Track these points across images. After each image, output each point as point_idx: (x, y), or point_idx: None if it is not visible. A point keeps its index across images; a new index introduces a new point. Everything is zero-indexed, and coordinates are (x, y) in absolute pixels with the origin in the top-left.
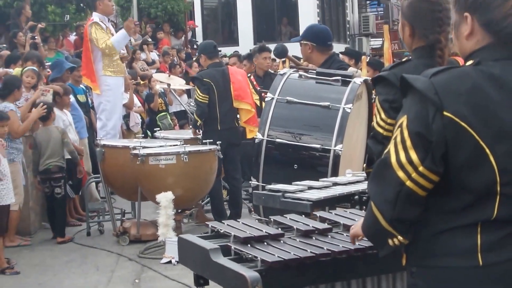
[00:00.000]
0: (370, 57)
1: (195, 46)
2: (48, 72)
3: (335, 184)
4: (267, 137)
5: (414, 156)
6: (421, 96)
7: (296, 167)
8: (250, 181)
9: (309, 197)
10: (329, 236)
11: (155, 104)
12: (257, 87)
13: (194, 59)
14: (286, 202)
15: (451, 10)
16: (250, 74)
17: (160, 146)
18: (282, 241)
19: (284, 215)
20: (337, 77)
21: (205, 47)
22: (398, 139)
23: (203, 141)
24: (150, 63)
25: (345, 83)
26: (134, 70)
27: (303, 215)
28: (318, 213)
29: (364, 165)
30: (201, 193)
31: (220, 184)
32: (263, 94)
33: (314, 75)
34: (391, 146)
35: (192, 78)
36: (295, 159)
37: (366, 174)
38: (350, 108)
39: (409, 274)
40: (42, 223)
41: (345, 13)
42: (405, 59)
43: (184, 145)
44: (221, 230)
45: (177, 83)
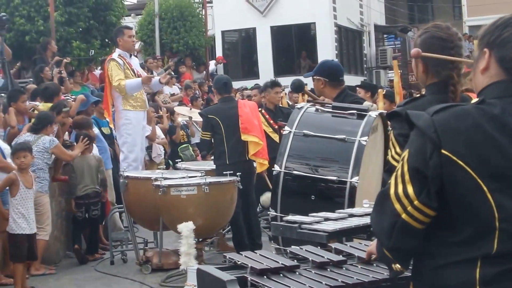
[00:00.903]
0: (387, 90)
1: None
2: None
3: (351, 216)
4: (285, 169)
5: (411, 190)
6: (421, 133)
7: (313, 198)
8: (269, 212)
9: (325, 228)
10: (344, 268)
11: (177, 136)
12: (270, 120)
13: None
14: (303, 233)
15: (477, 47)
16: (261, 108)
17: (182, 177)
18: (298, 273)
19: (301, 246)
20: (353, 111)
21: (216, 82)
22: (399, 172)
23: (224, 172)
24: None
25: (361, 117)
26: (157, 103)
27: (319, 246)
28: (334, 245)
29: None
30: (222, 223)
31: (240, 215)
32: (281, 130)
33: (330, 109)
34: (392, 179)
35: (199, 114)
36: (313, 191)
37: None
38: (366, 141)
39: None
40: (67, 252)
41: (363, 47)
42: (419, 95)
43: (205, 176)
44: (239, 262)
45: (199, 116)
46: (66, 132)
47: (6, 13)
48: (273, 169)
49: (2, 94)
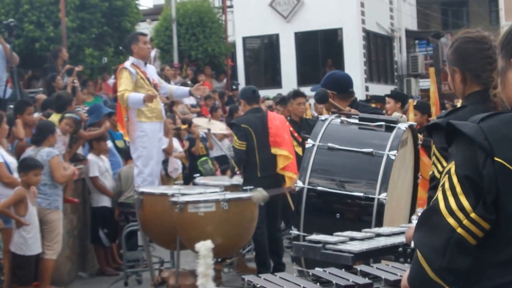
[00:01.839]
0: (418, 100)
1: (234, 87)
2: (86, 117)
3: (378, 235)
4: (308, 185)
5: (465, 202)
6: (470, 142)
7: (339, 216)
8: (291, 231)
9: (351, 249)
10: None
11: (196, 149)
12: (294, 133)
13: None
14: (327, 254)
15: (498, 57)
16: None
17: (199, 193)
18: None
19: (324, 269)
20: (381, 123)
21: (244, 92)
22: (447, 186)
23: (244, 188)
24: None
25: (389, 129)
26: (174, 114)
27: (344, 268)
28: (359, 267)
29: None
30: (242, 242)
31: (264, 233)
32: (305, 143)
33: (357, 121)
34: (439, 193)
35: (230, 124)
36: (337, 208)
37: None
38: (395, 155)
39: None
40: (79, 273)
41: (393, 53)
42: (459, 106)
43: (224, 192)
44: (257, 285)
45: (218, 128)
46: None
47: (15, 19)
48: (296, 185)
49: (11, 106)
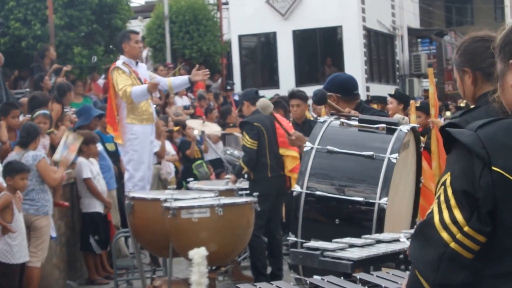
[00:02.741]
0: (421, 101)
1: (229, 88)
2: (75, 119)
3: (379, 242)
4: (307, 190)
5: (459, 216)
6: (467, 151)
7: (338, 222)
8: (288, 237)
9: (350, 256)
10: None
11: (192, 151)
12: None
13: (238, 109)
14: (325, 262)
15: (496, 60)
16: (289, 122)
17: (193, 198)
18: None
19: (322, 277)
20: (382, 125)
21: (247, 94)
22: (442, 198)
23: (239, 193)
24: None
25: (391, 131)
26: (167, 116)
27: (343, 276)
28: (359, 275)
29: None
30: (237, 249)
31: (262, 239)
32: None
33: (357, 123)
34: (434, 206)
35: (241, 123)
36: (337, 213)
37: None
38: (396, 158)
39: None
40: (67, 282)
41: (394, 52)
42: (473, 106)
43: (219, 197)
44: None
45: (212, 130)
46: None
47: (0, 17)
48: (293, 190)
49: None
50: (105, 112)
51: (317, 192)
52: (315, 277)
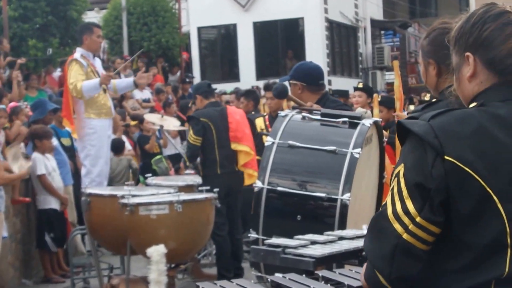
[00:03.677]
0: (383, 95)
1: (188, 80)
2: (29, 113)
3: (341, 238)
4: (268, 185)
5: (411, 206)
6: (419, 141)
7: (300, 218)
8: (249, 234)
9: (312, 253)
10: None
11: (151, 146)
12: (269, 128)
13: (191, 102)
14: (287, 259)
15: (451, 52)
16: (266, 114)
17: (152, 195)
18: None
19: (284, 275)
20: (344, 119)
21: (200, 87)
22: (395, 190)
23: (199, 189)
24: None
25: (353, 125)
26: (124, 110)
27: (305, 274)
28: (321, 272)
29: None
30: (197, 246)
31: (226, 237)
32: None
33: (319, 117)
34: (388, 198)
35: (187, 117)
36: (299, 210)
37: None
38: (359, 153)
39: None
40: (22, 280)
41: (357, 45)
42: (435, 100)
43: (178, 193)
44: None
45: (171, 124)
46: (22, 144)
47: None
48: (254, 185)
49: None
50: (61, 106)
51: (279, 188)
52: (277, 275)
